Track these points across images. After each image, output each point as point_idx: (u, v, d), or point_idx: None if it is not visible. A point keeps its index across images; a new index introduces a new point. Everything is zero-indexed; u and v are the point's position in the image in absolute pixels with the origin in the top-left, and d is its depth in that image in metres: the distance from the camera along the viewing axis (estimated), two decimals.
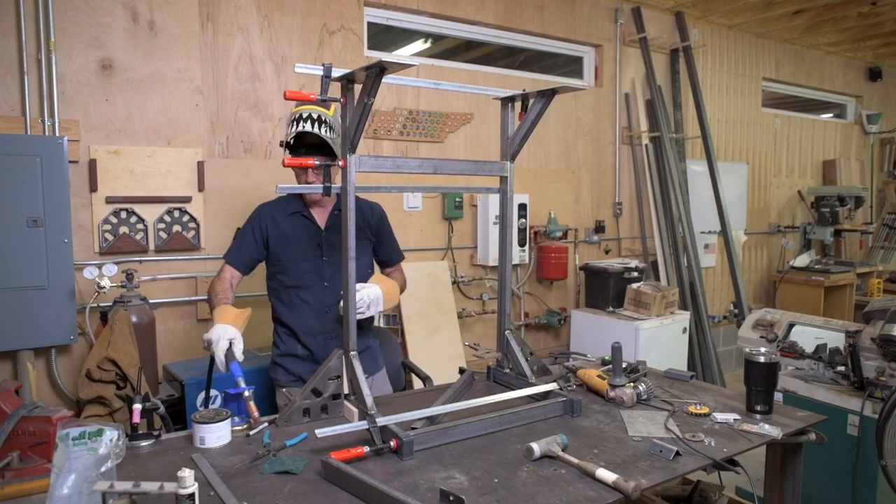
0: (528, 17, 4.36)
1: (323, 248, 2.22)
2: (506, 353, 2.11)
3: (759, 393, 1.87)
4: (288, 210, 2.25)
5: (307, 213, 2.24)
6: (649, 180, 4.99)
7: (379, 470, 1.48)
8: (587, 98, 4.75)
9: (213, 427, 1.61)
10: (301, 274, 2.20)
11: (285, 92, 1.61)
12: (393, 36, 4.02)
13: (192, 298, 3.21)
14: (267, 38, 3.38)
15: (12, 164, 2.65)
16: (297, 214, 2.24)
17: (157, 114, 3.10)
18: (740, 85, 5.84)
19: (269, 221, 2.23)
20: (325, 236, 2.22)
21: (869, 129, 7.20)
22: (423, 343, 3.76)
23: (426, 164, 1.87)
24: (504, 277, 2.14)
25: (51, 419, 1.59)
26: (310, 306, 2.21)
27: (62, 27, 2.85)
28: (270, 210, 2.26)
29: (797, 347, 2.76)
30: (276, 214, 2.24)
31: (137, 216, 3.06)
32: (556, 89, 1.93)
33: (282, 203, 2.28)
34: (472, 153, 4.15)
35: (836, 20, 5.49)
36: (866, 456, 2.44)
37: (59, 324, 2.78)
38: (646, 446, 1.63)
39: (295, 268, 2.21)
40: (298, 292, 2.21)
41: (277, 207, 2.27)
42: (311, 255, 2.21)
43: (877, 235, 6.73)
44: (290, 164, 1.75)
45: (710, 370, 4.88)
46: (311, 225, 2.24)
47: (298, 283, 2.20)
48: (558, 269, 4.39)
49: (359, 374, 1.73)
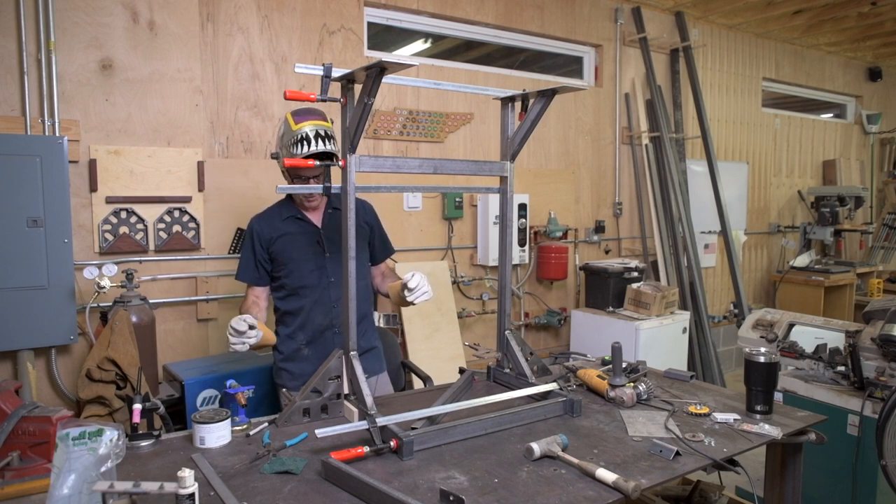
0: (528, 17, 4.36)
1: (324, 245, 2.24)
2: (506, 353, 2.11)
3: (759, 393, 1.87)
4: (282, 216, 2.27)
5: (301, 215, 2.27)
6: (649, 180, 4.99)
7: (379, 470, 1.48)
8: (587, 98, 4.75)
9: (213, 427, 1.61)
10: (305, 273, 2.22)
11: (285, 92, 1.61)
12: (393, 36, 4.02)
13: (192, 298, 3.21)
14: (267, 38, 3.38)
15: (12, 164, 2.65)
16: (292, 218, 2.26)
17: (157, 114, 3.10)
18: (740, 85, 5.84)
19: (265, 229, 2.25)
20: (323, 234, 2.25)
21: (869, 129, 7.20)
22: (423, 343, 3.76)
23: (426, 164, 1.87)
24: (504, 277, 2.14)
25: (51, 419, 1.59)
26: (316, 303, 2.23)
27: (62, 27, 2.85)
28: (263, 220, 2.29)
29: (797, 347, 2.76)
30: (271, 222, 2.27)
31: (137, 216, 3.06)
32: (556, 89, 1.93)
33: (273, 211, 2.30)
34: (472, 153, 4.15)
35: (836, 20, 5.49)
36: (866, 456, 2.44)
37: (59, 324, 2.78)
38: (646, 446, 1.63)
39: (298, 268, 2.23)
40: (304, 291, 2.23)
41: (270, 216, 2.29)
42: (313, 253, 2.23)
43: (877, 235, 6.72)
44: (290, 164, 1.75)
45: (710, 370, 4.88)
46: (308, 225, 2.26)
47: (304, 282, 2.22)
48: (558, 269, 4.39)
49: (359, 374, 1.73)
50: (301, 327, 2.24)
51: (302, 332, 2.25)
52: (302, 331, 2.25)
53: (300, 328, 2.25)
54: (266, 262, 2.25)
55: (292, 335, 2.26)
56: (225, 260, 3.30)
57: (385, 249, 2.45)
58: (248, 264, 2.25)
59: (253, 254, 2.25)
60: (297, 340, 2.25)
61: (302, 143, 2.07)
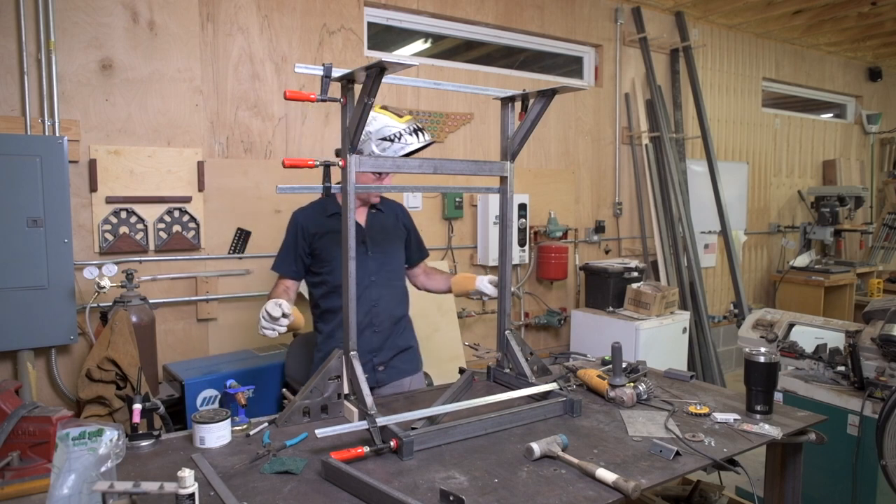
0: (528, 17, 4.36)
1: (367, 245, 2.26)
2: (506, 353, 2.11)
3: (759, 393, 1.87)
4: (326, 212, 2.27)
5: None
6: (649, 180, 4.99)
7: (379, 470, 1.48)
8: (587, 98, 4.75)
9: (213, 427, 1.61)
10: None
11: (285, 92, 1.61)
12: (393, 36, 4.02)
13: (192, 298, 3.21)
14: (267, 38, 3.38)
15: (12, 164, 2.65)
16: (337, 216, 2.27)
17: (157, 114, 3.10)
18: (740, 85, 5.84)
19: (310, 224, 2.25)
20: (367, 233, 2.27)
21: (869, 129, 7.20)
22: (423, 343, 3.74)
23: (426, 164, 1.87)
24: (504, 277, 2.15)
25: (51, 419, 1.59)
26: (357, 301, 2.23)
27: (62, 27, 2.85)
28: (308, 214, 2.29)
29: (797, 347, 2.76)
30: (316, 217, 2.27)
31: (137, 216, 3.06)
32: (556, 89, 1.93)
33: (317, 206, 2.30)
34: (472, 153, 4.15)
35: (836, 20, 5.49)
36: (866, 456, 2.44)
37: (59, 324, 2.78)
38: (646, 446, 1.63)
39: (340, 266, 2.23)
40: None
41: (314, 211, 2.29)
42: (356, 252, 2.23)
43: (877, 235, 6.72)
44: (290, 164, 1.75)
45: (710, 370, 4.88)
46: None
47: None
48: (558, 269, 4.39)
49: (359, 374, 1.73)
50: (341, 325, 2.25)
51: (341, 329, 2.25)
52: (341, 328, 2.25)
53: (339, 326, 2.25)
54: (306, 256, 2.26)
55: (332, 334, 2.26)
56: (225, 260, 3.30)
57: (420, 252, 2.49)
58: (288, 257, 2.25)
59: (295, 246, 2.24)
60: (337, 338, 2.25)
61: (399, 137, 2.10)
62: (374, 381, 2.24)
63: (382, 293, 2.25)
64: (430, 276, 2.51)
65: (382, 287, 2.25)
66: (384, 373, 2.27)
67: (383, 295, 2.26)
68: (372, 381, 2.23)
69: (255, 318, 2.07)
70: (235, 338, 3.34)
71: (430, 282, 2.50)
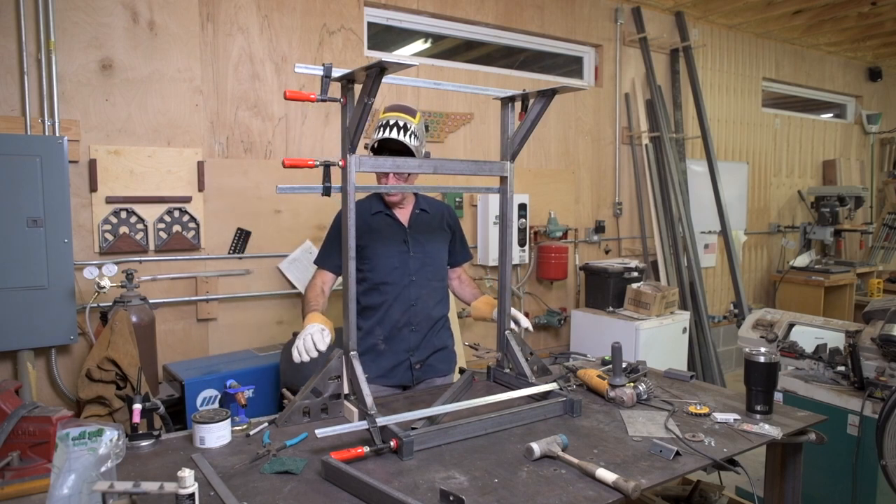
0: (528, 17, 4.36)
1: (409, 244, 2.26)
2: (506, 353, 2.11)
3: (759, 393, 1.87)
4: (371, 210, 2.29)
5: (390, 212, 2.29)
6: (649, 180, 4.99)
7: (379, 470, 1.48)
8: (587, 98, 4.75)
9: (213, 427, 1.61)
10: (388, 270, 2.24)
11: (285, 92, 1.61)
12: (393, 36, 4.02)
13: (192, 298, 3.21)
14: (267, 38, 3.38)
15: (12, 164, 2.65)
16: (381, 214, 2.29)
17: (157, 114, 3.10)
18: (740, 85, 5.84)
19: (356, 220, 2.24)
20: (409, 233, 2.28)
21: (869, 129, 7.20)
22: None
23: (426, 164, 1.87)
24: (504, 277, 2.15)
25: (51, 419, 1.59)
26: (396, 300, 2.25)
27: (62, 27, 2.85)
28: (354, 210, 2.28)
29: (797, 347, 2.76)
30: (361, 215, 2.26)
31: (137, 216, 3.06)
32: (556, 89, 1.93)
33: (363, 204, 2.30)
34: (472, 153, 4.15)
35: (836, 20, 5.49)
36: (866, 456, 2.44)
37: (59, 324, 2.78)
38: (646, 446, 1.63)
39: (382, 264, 2.25)
40: (385, 287, 2.24)
41: (360, 208, 2.29)
42: (398, 250, 2.26)
43: (877, 235, 6.72)
44: (290, 164, 1.75)
45: (710, 370, 4.88)
46: (395, 223, 2.28)
47: (385, 278, 2.24)
48: (558, 269, 4.39)
49: (359, 374, 1.73)
50: (379, 322, 2.26)
51: (380, 327, 2.26)
52: (380, 326, 2.26)
53: (378, 323, 2.26)
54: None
55: (371, 330, 2.26)
56: (225, 260, 3.30)
57: (464, 253, 2.49)
58: (332, 251, 2.25)
59: (338, 241, 2.25)
60: (375, 335, 2.26)
61: (381, 129, 2.13)
62: (411, 379, 2.26)
63: (422, 293, 2.26)
64: (463, 284, 2.50)
65: (422, 287, 2.27)
66: (420, 371, 2.28)
67: (422, 295, 2.27)
68: (408, 379, 2.25)
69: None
70: (235, 338, 3.34)
71: (460, 290, 2.50)
